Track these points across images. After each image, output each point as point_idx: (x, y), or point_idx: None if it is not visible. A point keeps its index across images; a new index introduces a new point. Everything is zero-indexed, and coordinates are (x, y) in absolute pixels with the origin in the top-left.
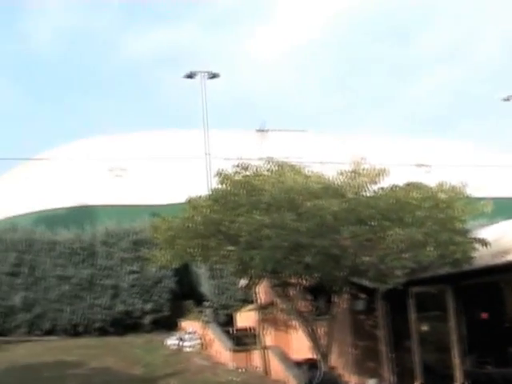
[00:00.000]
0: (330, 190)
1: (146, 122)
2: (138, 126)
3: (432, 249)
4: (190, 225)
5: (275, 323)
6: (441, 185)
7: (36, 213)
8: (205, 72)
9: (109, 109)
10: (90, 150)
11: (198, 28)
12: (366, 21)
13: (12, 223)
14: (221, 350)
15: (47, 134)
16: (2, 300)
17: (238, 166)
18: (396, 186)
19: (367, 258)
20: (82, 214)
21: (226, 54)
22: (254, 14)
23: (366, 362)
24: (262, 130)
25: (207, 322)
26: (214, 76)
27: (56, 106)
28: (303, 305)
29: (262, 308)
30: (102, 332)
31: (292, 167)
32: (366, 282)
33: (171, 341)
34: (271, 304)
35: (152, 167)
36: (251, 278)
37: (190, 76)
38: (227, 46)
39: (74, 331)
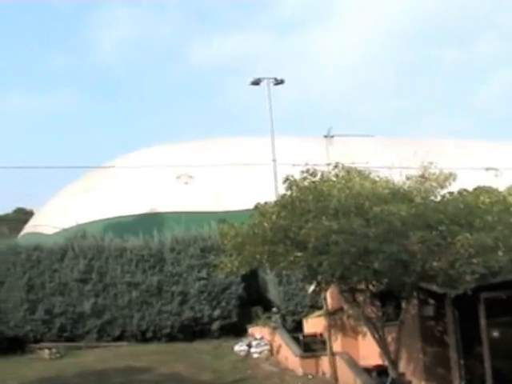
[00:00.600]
0: (397, 195)
1: (212, 129)
2: (203, 133)
3: (502, 253)
4: (258, 231)
5: (343, 329)
6: (510, 188)
7: (105, 220)
8: (270, 78)
9: (175, 116)
10: (157, 157)
11: (263, 34)
12: (431, 25)
13: (82, 230)
14: (289, 356)
15: (116, 142)
16: (73, 306)
17: (305, 171)
18: (464, 191)
19: (436, 264)
20: (150, 221)
21: (291, 60)
22: (320, 21)
23: (435, 368)
24: (329, 136)
25: (275, 328)
26: (279, 82)
27: (123, 115)
28: (371, 310)
29: (330, 314)
30: (171, 338)
31: (359, 172)
32: (434, 288)
33: (239, 347)
34: (339, 310)
35: (219, 174)
36: (319, 283)
37: (256, 82)
38: (292, 52)
39: (142, 337)
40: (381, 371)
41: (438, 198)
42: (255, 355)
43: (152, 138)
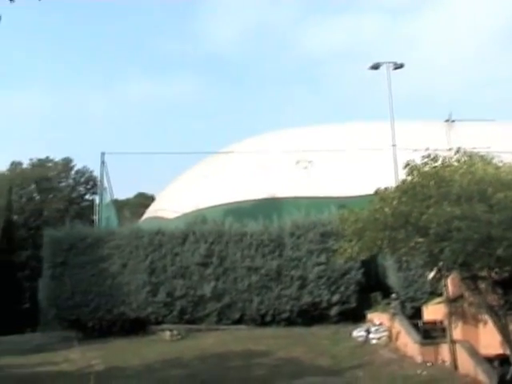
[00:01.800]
0: None
1: (329, 115)
2: (320, 118)
3: None
4: (379, 216)
5: (464, 317)
6: None
7: (225, 205)
8: (390, 62)
9: (292, 102)
10: (276, 142)
11: (379, 18)
12: None
13: (202, 215)
14: (408, 343)
15: (235, 127)
16: (193, 289)
17: (426, 156)
18: None
19: None
20: (269, 206)
21: (409, 43)
22: (437, 5)
23: None
24: (449, 121)
25: (394, 315)
26: (399, 66)
27: (240, 100)
28: (493, 298)
29: (451, 301)
30: (289, 322)
31: (481, 157)
32: None
33: (358, 332)
34: (460, 297)
35: (338, 159)
36: (440, 270)
37: (375, 67)
38: (411, 35)
39: (261, 321)
40: (503, 360)
41: None
42: (373, 341)
43: (267, 124)
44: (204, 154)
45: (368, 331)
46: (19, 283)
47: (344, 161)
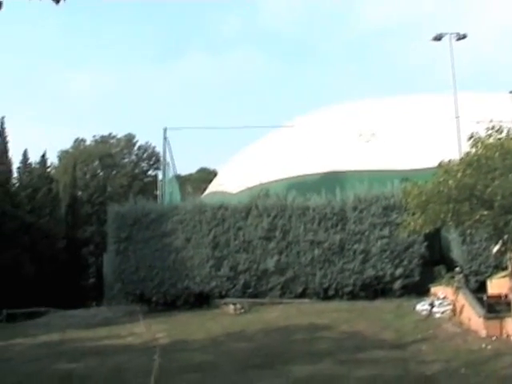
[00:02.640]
0: None
1: (392, 88)
2: (383, 91)
3: None
4: (443, 189)
5: None
6: None
7: (288, 179)
8: (452, 33)
9: (353, 75)
10: (339, 116)
11: None
12: None
13: (265, 189)
14: (472, 317)
15: (297, 101)
16: (256, 263)
17: (490, 128)
18: None
19: None
20: (332, 180)
21: (472, 14)
22: None
23: None
24: None
25: (458, 288)
26: (462, 37)
27: (302, 75)
28: None
29: None
30: (352, 296)
31: None
32: None
33: (421, 306)
34: None
35: (401, 132)
36: (505, 243)
37: (438, 38)
38: (473, 6)
39: (324, 295)
40: None
41: None
42: (437, 315)
43: (329, 98)
44: (266, 128)
45: (432, 305)
46: (84, 259)
47: (407, 133)
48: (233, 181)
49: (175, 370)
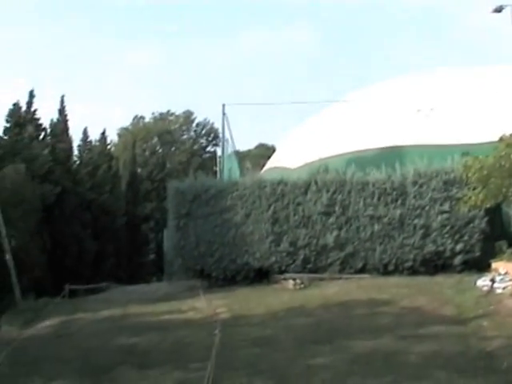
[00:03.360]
0: None
1: (451, 60)
2: (442, 64)
3: None
4: (505, 163)
5: None
6: None
7: (347, 154)
8: None
9: (412, 48)
10: (397, 89)
11: None
12: None
13: (324, 165)
14: None
15: (355, 76)
16: (316, 239)
17: None
18: None
19: None
20: (391, 155)
21: None
22: None
23: None
24: None
25: None
26: None
27: (360, 49)
28: None
29: None
30: (412, 271)
31: None
32: None
33: (482, 282)
34: None
35: (461, 105)
36: None
37: (498, 10)
38: None
39: (384, 270)
40: None
41: None
42: (498, 291)
43: (387, 72)
44: (325, 103)
45: (493, 280)
46: (144, 235)
47: (467, 107)
48: (291, 156)
49: (236, 345)
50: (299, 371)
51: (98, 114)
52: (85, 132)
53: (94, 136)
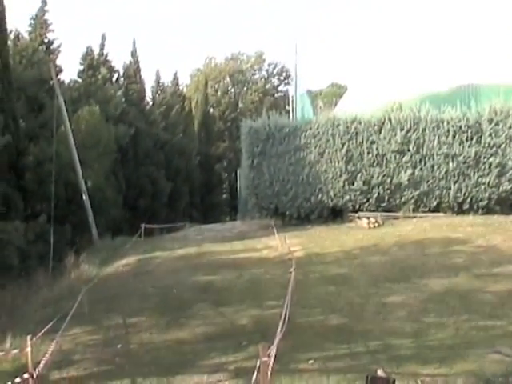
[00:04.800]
0: None
1: None
2: None
3: None
4: None
5: None
6: None
7: (421, 93)
8: None
9: None
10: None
11: None
12: None
13: (398, 103)
14: None
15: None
16: (390, 177)
17: None
18: None
19: None
20: (466, 94)
21: None
22: None
23: None
24: None
25: None
26: None
27: None
28: None
29: None
30: (487, 210)
31: None
32: None
33: None
34: None
35: None
36: None
37: None
38: None
39: (459, 209)
40: None
41: None
42: None
43: None
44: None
45: None
46: (217, 174)
47: None
48: (365, 95)
49: (311, 283)
50: (374, 309)
51: (170, 56)
52: (157, 74)
53: (166, 79)
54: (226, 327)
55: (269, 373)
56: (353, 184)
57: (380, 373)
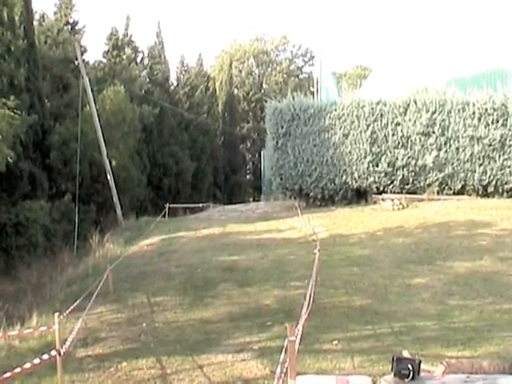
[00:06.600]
0: None
1: None
2: None
3: None
4: None
5: None
6: None
7: (447, 76)
8: None
9: None
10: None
11: None
12: None
13: (424, 85)
14: None
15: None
16: (414, 159)
17: None
18: None
19: None
20: (493, 77)
21: None
22: None
23: None
24: None
25: None
26: None
27: None
28: None
29: None
30: None
31: None
32: None
33: None
34: None
35: None
36: None
37: None
38: None
39: (483, 191)
40: None
41: None
42: None
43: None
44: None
45: None
46: (242, 155)
47: None
48: (389, 77)
49: (335, 264)
50: (399, 290)
51: (195, 38)
52: (182, 55)
53: (190, 60)
54: (250, 307)
55: (295, 352)
56: (377, 166)
57: (405, 354)
